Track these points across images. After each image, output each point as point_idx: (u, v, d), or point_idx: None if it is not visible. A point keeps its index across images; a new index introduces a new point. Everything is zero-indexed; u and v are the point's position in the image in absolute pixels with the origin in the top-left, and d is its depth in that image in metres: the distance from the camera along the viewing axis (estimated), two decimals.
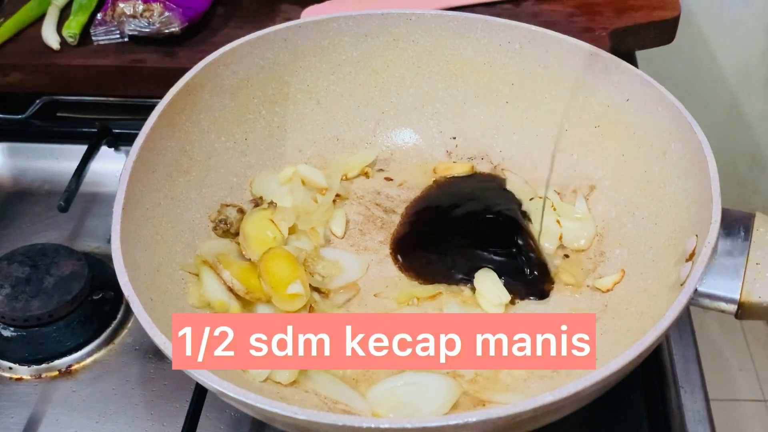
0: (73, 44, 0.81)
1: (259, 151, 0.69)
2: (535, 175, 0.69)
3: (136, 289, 0.50)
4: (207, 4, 0.84)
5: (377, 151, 0.72)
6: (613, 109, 0.64)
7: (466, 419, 0.42)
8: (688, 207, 0.56)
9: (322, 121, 0.72)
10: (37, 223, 0.74)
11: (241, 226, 0.64)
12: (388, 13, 0.69)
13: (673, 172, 0.59)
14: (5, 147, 0.80)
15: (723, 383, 1.48)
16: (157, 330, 0.48)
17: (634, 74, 0.62)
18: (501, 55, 0.69)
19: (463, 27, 0.69)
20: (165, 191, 0.61)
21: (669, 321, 0.46)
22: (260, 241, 0.63)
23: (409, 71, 0.71)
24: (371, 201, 0.69)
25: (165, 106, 0.61)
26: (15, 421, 0.59)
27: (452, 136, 0.72)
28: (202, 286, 0.59)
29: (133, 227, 0.55)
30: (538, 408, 0.42)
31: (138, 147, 0.58)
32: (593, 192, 0.66)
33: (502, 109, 0.70)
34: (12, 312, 0.62)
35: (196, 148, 0.65)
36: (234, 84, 0.67)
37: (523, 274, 0.62)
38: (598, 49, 0.64)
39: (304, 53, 0.69)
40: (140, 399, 0.60)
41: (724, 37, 1.22)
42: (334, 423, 0.43)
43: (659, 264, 0.57)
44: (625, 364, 0.44)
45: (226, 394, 0.45)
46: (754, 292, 0.50)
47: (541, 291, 0.61)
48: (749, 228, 0.52)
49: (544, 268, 0.62)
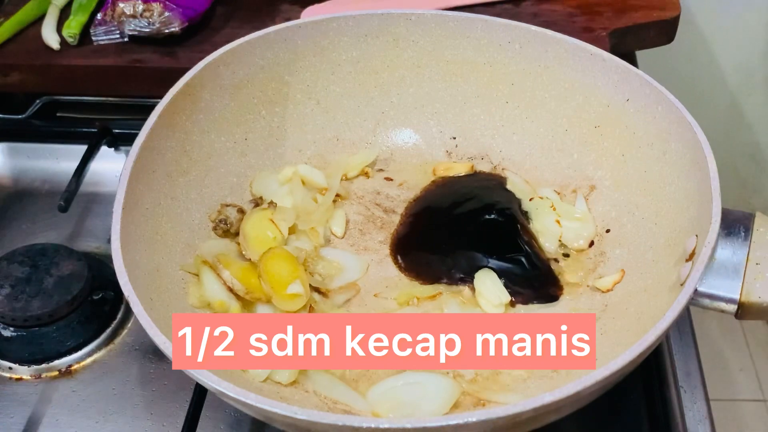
0: (73, 44, 0.81)
1: (259, 151, 0.69)
2: (534, 175, 0.69)
3: (136, 289, 0.50)
4: (207, 4, 0.84)
5: (377, 151, 0.72)
6: (612, 109, 0.64)
7: (466, 419, 0.42)
8: (688, 207, 0.56)
9: (322, 121, 0.72)
10: (37, 223, 0.74)
11: (241, 226, 0.64)
12: (388, 13, 0.69)
13: (673, 172, 0.59)
14: (5, 147, 0.80)
15: (723, 383, 1.48)
16: (157, 330, 0.48)
17: (634, 74, 0.62)
18: (501, 55, 0.69)
19: (463, 27, 0.69)
20: (165, 191, 0.61)
21: (669, 321, 0.46)
22: (260, 241, 0.63)
23: (409, 71, 0.71)
24: (371, 201, 0.69)
25: (165, 106, 0.61)
26: (15, 421, 0.59)
27: (452, 136, 0.72)
28: (202, 286, 0.59)
29: (133, 227, 0.55)
30: (538, 408, 0.42)
31: (138, 147, 0.58)
32: (593, 192, 0.66)
33: (502, 109, 0.70)
34: (12, 312, 0.62)
35: (196, 148, 0.65)
36: (234, 84, 0.67)
37: (531, 279, 0.61)
38: (598, 49, 0.64)
39: (304, 53, 0.69)
40: (140, 399, 0.60)
41: (724, 37, 1.22)
42: (334, 423, 0.43)
43: (659, 264, 0.57)
44: (626, 364, 0.44)
45: (226, 394, 0.45)
46: (754, 292, 0.50)
47: (551, 296, 0.61)
48: (749, 228, 0.52)
49: (552, 273, 0.62)
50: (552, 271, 0.62)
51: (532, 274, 0.62)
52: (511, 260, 0.62)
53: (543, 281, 0.61)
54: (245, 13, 0.86)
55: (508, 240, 0.63)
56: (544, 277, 0.62)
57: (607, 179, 0.65)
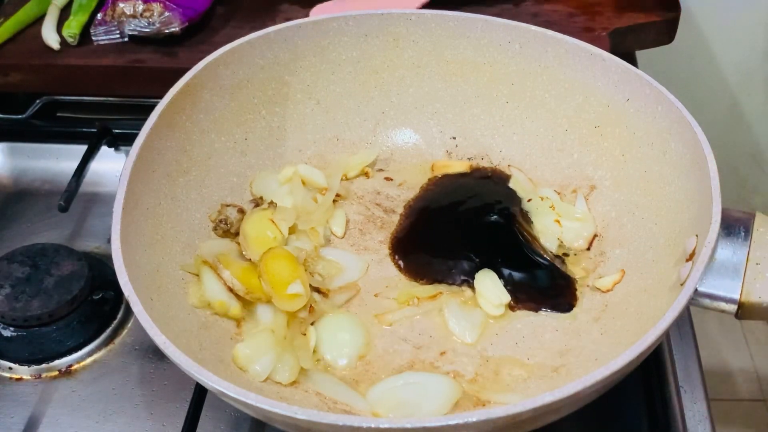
0: (73, 44, 0.81)
1: (259, 151, 0.69)
2: (535, 175, 0.69)
3: (136, 289, 0.50)
4: (207, 4, 0.84)
5: (377, 151, 0.72)
6: (613, 108, 0.64)
7: (466, 419, 0.42)
8: (688, 207, 0.56)
9: (322, 121, 0.72)
10: (37, 223, 0.74)
11: (241, 226, 0.64)
12: (389, 13, 0.69)
13: (673, 172, 0.59)
14: (5, 147, 0.80)
15: (723, 383, 1.48)
16: (158, 330, 0.48)
17: (634, 74, 0.62)
18: (501, 55, 0.69)
19: (464, 27, 0.69)
20: (165, 191, 0.61)
21: (669, 321, 0.46)
22: (260, 241, 0.63)
23: (409, 71, 0.71)
24: (371, 201, 0.69)
25: (165, 106, 0.61)
26: (15, 421, 0.59)
27: (452, 136, 0.72)
28: (202, 286, 0.59)
29: (133, 227, 0.55)
30: (538, 408, 0.42)
31: (138, 147, 0.58)
32: (593, 192, 0.66)
33: (502, 109, 0.70)
34: (12, 312, 0.62)
35: (197, 147, 0.65)
36: (234, 84, 0.67)
37: (546, 288, 0.61)
38: (598, 49, 0.64)
39: (304, 53, 0.69)
40: (140, 399, 0.60)
41: (724, 37, 1.22)
42: (334, 423, 0.43)
43: (659, 264, 0.57)
44: (625, 364, 0.44)
45: (226, 394, 0.45)
46: (754, 292, 0.50)
47: (566, 305, 0.60)
48: (749, 228, 0.52)
49: (570, 285, 0.61)
50: (571, 283, 0.61)
51: (549, 284, 0.61)
52: (520, 266, 0.62)
53: (559, 291, 0.61)
54: (245, 13, 0.86)
55: (510, 243, 0.63)
56: (560, 288, 0.61)
57: (607, 179, 0.65)
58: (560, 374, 0.55)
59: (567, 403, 0.43)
